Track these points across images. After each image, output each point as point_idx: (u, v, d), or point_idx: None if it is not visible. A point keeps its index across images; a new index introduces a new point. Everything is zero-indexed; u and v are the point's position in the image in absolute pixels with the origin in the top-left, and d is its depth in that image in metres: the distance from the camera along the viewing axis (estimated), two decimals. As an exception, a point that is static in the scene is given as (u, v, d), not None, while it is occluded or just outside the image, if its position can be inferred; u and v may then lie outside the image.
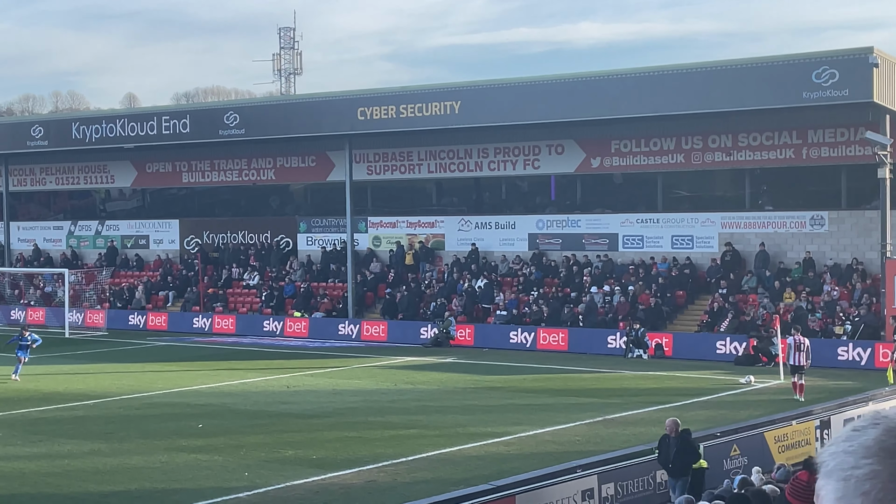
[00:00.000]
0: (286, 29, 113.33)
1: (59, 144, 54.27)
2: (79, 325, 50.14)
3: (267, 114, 49.22)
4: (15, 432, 24.94)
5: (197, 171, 56.40)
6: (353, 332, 45.29)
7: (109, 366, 37.78)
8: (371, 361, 38.61)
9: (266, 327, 47.44)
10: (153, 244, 57.64)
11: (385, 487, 19.72)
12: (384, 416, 26.97)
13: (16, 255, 60.61)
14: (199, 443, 23.63)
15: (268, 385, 32.99)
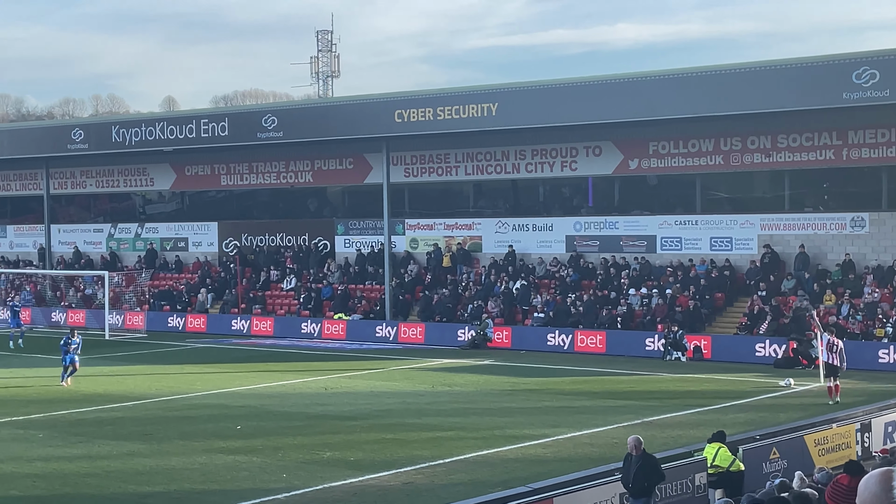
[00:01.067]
0: (324, 32, 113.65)
1: (99, 147, 54.71)
2: (118, 327, 50.52)
3: (305, 116, 49.38)
4: (56, 433, 25.16)
5: (235, 173, 56.67)
6: (390, 335, 45.36)
7: (149, 367, 38.04)
8: (408, 363, 38.66)
9: (304, 329, 47.59)
10: (192, 246, 57.98)
11: (422, 489, 19.73)
12: (421, 418, 26.99)
13: (56, 257, 61.14)
14: (238, 444, 23.74)
15: (306, 387, 33.09)
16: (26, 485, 20.09)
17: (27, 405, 29.48)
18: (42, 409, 28.74)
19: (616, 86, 41.49)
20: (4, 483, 20.19)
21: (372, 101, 47.59)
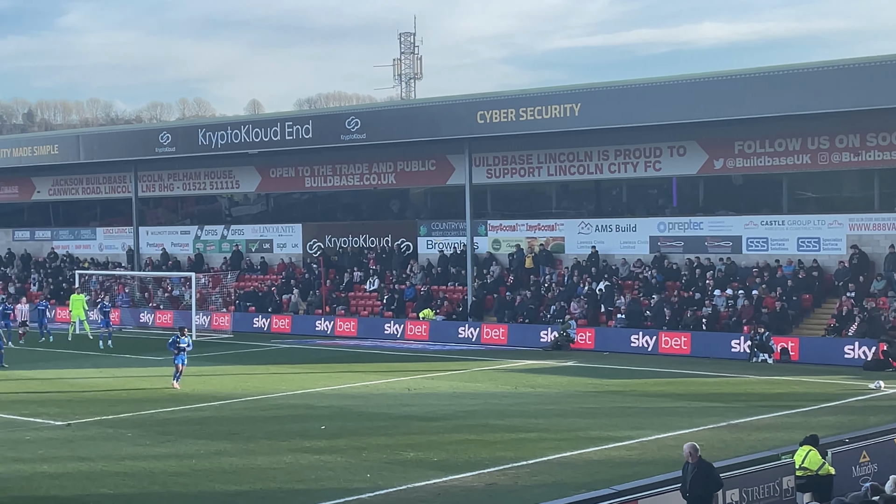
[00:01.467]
0: (406, 34, 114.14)
1: (186, 151, 55.50)
2: (205, 328, 51.19)
3: (387, 118, 49.62)
4: (145, 432, 25.56)
5: (319, 175, 57.13)
6: (472, 336, 45.37)
7: (235, 368, 38.49)
8: (491, 364, 38.64)
9: (387, 330, 47.80)
10: (277, 248, 58.58)
11: (505, 490, 19.70)
12: (504, 419, 26.96)
13: (145, 259, 62.15)
14: (323, 444, 23.92)
15: (389, 387, 33.24)
16: (116, 483, 20.44)
17: (117, 404, 30.00)
18: (131, 408, 29.22)
19: (701, 85, 41.08)
20: (95, 481, 20.58)
21: (454, 102, 47.67)
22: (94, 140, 61.39)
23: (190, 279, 52.18)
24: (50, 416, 27.92)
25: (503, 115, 44.33)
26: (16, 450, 23.58)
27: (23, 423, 26.94)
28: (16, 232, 70.20)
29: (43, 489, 19.95)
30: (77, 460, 22.36)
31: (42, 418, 27.64)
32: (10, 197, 70.75)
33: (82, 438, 24.91)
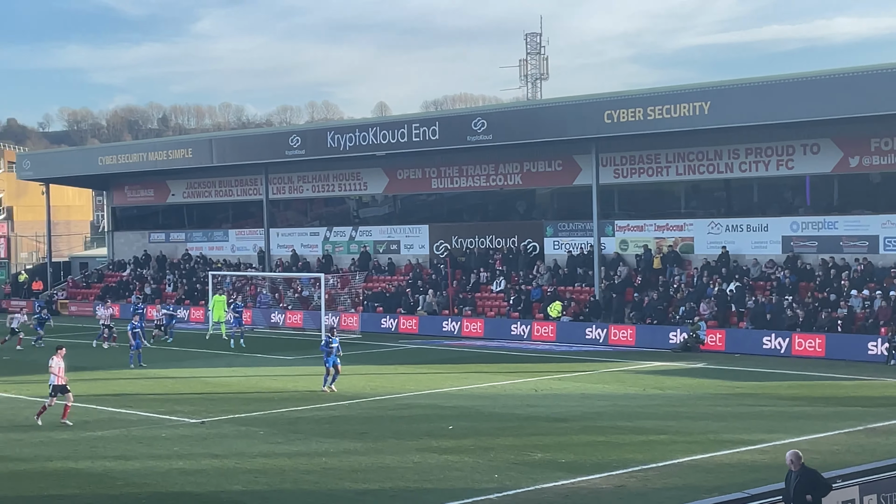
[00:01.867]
0: (532, 34, 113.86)
1: (315, 153, 56.29)
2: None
3: (514, 119, 49.56)
4: (276, 431, 25.94)
5: (446, 176, 57.36)
6: (600, 337, 45.02)
7: (363, 367, 38.81)
8: (619, 366, 38.30)
9: (514, 331, 47.74)
10: (404, 249, 59.01)
11: (635, 493, 19.47)
12: (633, 421, 26.67)
13: (275, 260, 63.17)
14: (450, 444, 23.96)
15: (515, 388, 33.17)
16: (248, 480, 20.77)
17: (249, 403, 30.52)
18: (263, 406, 29.69)
19: (835, 81, 40.10)
20: (228, 478, 20.94)
21: (581, 102, 47.39)
22: (226, 144, 62.68)
23: (319, 280, 52.85)
24: (185, 413, 28.54)
25: (631, 114, 43.93)
26: (152, 446, 24.15)
27: (159, 421, 27.58)
28: (151, 234, 72.07)
29: (178, 485, 20.38)
30: (211, 457, 22.80)
31: (177, 416, 28.27)
32: (146, 200, 72.66)
33: (216, 436, 25.39)
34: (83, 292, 70.19)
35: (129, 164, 66.28)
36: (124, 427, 26.68)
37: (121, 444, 24.41)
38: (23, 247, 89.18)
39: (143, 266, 69.96)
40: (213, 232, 68.36)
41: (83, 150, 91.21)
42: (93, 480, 20.83)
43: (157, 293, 63.83)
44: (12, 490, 20.18)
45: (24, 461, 22.65)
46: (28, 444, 24.52)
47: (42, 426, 26.84)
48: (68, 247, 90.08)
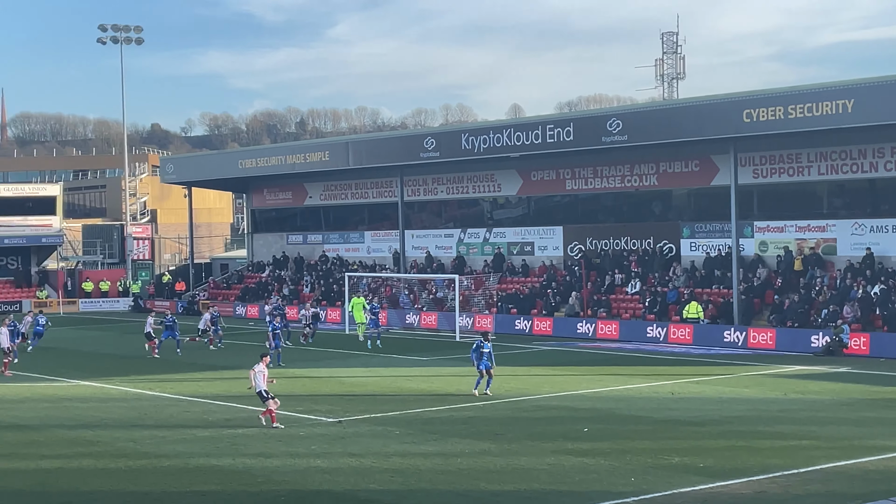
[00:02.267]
0: (669, 34, 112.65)
1: (450, 155, 56.53)
2: (468, 329, 51.91)
3: (650, 119, 49.03)
4: (411, 430, 26.10)
5: (580, 178, 57.07)
6: (738, 340, 44.22)
7: (497, 369, 38.63)
8: (758, 370, 37.55)
9: (649, 333, 47.22)
10: (538, 251, 58.89)
11: (776, 499, 19.04)
12: (773, 426, 26.11)
13: (410, 261, 63.65)
14: (586, 446, 23.78)
15: (652, 391, 32.78)
16: (385, 479, 20.93)
17: (385, 403, 30.77)
18: (398, 406, 29.91)
19: None
20: (365, 476, 21.13)
21: (719, 101, 46.63)
22: (362, 146, 63.40)
23: (453, 281, 53.05)
24: (322, 412, 28.91)
25: (770, 113, 43.05)
26: (290, 445, 24.51)
27: (297, 420, 27.99)
28: (289, 236, 73.34)
29: (316, 483, 20.64)
30: (348, 456, 23.04)
31: (315, 415, 28.65)
32: (284, 202, 73.97)
33: (352, 435, 25.66)
34: (224, 293, 71.77)
35: (267, 168, 67.54)
36: (264, 426, 27.13)
37: (260, 443, 24.84)
38: (166, 248, 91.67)
39: (281, 267, 71.22)
40: (350, 234, 69.23)
41: (224, 153, 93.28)
42: (233, 477, 21.24)
43: (295, 294, 64.88)
44: (156, 486, 20.70)
45: (168, 458, 23.21)
46: (171, 442, 25.14)
47: (203, 423, 27.53)
48: (209, 248, 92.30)
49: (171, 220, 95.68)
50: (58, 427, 27.46)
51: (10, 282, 78.64)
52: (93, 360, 43.76)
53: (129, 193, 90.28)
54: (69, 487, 20.62)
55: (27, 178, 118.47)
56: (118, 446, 24.58)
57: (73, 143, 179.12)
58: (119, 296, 76.25)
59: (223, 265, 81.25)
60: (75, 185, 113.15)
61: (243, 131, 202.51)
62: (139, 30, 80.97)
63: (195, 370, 39.45)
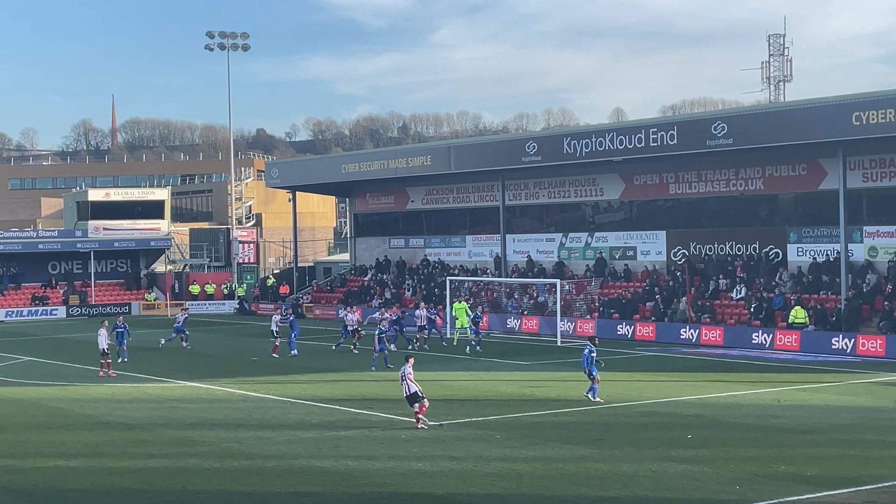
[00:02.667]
0: (776, 36, 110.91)
1: (551, 159, 56.38)
2: (570, 334, 51.70)
3: (755, 122, 48.33)
4: (512, 435, 26.06)
5: (683, 182, 56.47)
6: (847, 347, 43.31)
7: (599, 374, 38.49)
8: (868, 377, 36.74)
9: (755, 339, 46.49)
10: (640, 255, 58.40)
11: (886, 510, 18.62)
12: (883, 435, 25.53)
13: (511, 266, 63.58)
14: (689, 453, 23.51)
15: (757, 398, 32.27)
16: (486, 483, 20.93)
17: (486, 407, 30.77)
18: (499, 411, 29.89)
19: None
20: (466, 480, 21.16)
21: (827, 104, 45.74)
22: (463, 151, 63.54)
23: (555, 286, 52.86)
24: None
25: (881, 115, 42.16)
26: (392, 447, 24.66)
27: (399, 423, 28.12)
28: (391, 239, 73.80)
29: (417, 486, 20.72)
30: (449, 460, 23.08)
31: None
32: (386, 206, 74.46)
33: (454, 439, 25.70)
34: (327, 296, 72.48)
35: (370, 172, 68.08)
36: (366, 428, 27.34)
37: (362, 445, 25.03)
38: (270, 252, 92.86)
39: (383, 271, 71.67)
40: (451, 238, 69.42)
41: (327, 158, 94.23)
42: (336, 479, 21.43)
43: (397, 298, 65.23)
44: (261, 486, 20.98)
45: (272, 458, 23.51)
46: (275, 443, 25.45)
47: (291, 425, 27.86)
48: (313, 252, 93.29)
49: (276, 224, 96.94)
50: (165, 427, 28.00)
51: (120, 284, 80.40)
52: (199, 362, 44.52)
53: (234, 198, 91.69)
54: (175, 486, 21.00)
55: (136, 183, 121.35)
56: (223, 447, 24.97)
57: (181, 149, 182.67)
58: (224, 298, 77.50)
59: (326, 269, 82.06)
60: (183, 190, 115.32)
61: (346, 136, 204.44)
62: (245, 36, 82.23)
63: (299, 372, 39.88)
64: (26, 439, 26.60)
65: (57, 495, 20.62)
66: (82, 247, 77.72)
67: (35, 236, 79.40)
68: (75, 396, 34.39)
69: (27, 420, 29.77)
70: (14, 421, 29.60)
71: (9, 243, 76.61)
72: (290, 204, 78.82)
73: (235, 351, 48.71)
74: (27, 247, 76.76)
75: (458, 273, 64.63)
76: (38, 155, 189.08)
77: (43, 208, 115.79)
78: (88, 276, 78.00)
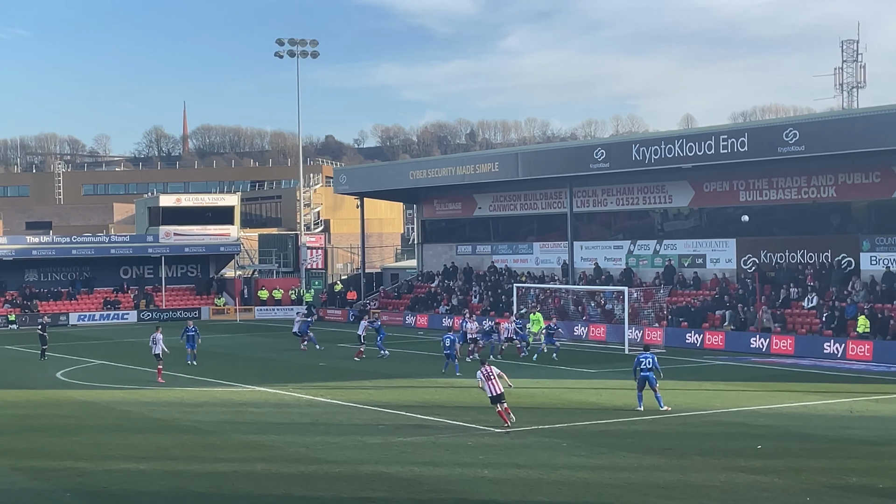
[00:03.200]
0: (849, 42, 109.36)
1: (620, 166, 56.09)
2: (637, 342, 51.25)
3: (828, 129, 47.72)
4: (579, 443, 25.93)
5: (754, 189, 55.88)
6: (921, 358, 42.56)
7: (667, 383, 38.09)
8: (943, 389, 36.08)
9: (826, 349, 45.82)
10: (709, 263, 57.86)
11: (962, 525, 18.25)
12: (959, 448, 25.05)
13: (578, 273, 63.31)
14: (758, 464, 23.23)
15: (828, 409, 31.79)
16: (552, 491, 20.84)
17: (552, 414, 30.67)
18: (566, 419, 29.77)
19: None
20: (532, 488, 21.08)
21: (901, 110, 45.04)
22: (531, 157, 63.42)
23: (622, 293, 52.53)
24: (490, 423, 28.94)
25: (957, 121, 41.40)
26: (458, 454, 24.65)
27: (465, 429, 28.12)
28: (458, 246, 73.84)
29: (483, 493, 20.68)
30: (515, 467, 23.02)
31: (482, 425, 28.72)
32: (453, 213, 74.53)
33: (520, 446, 25.63)
34: (394, 303, 72.70)
35: (437, 179, 68.19)
36: (432, 434, 27.36)
37: (428, 451, 25.05)
38: (338, 258, 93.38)
39: (450, 277, 71.74)
40: (518, 245, 69.30)
41: (395, 165, 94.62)
42: (402, 485, 21.46)
43: (464, 304, 65.24)
44: (328, 490, 21.07)
45: (339, 464, 23.60)
46: (342, 448, 25.55)
47: (360, 430, 27.97)
48: (380, 258, 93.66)
49: (344, 230, 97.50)
50: (233, 431, 28.24)
51: (190, 289, 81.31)
52: (267, 367, 44.87)
53: (303, 204, 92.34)
54: (243, 491, 21.16)
55: (207, 189, 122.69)
56: (290, 451, 25.13)
57: (251, 155, 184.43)
58: (292, 304, 78.05)
59: (393, 275, 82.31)
60: (252, 196, 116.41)
61: (414, 143, 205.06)
62: (315, 43, 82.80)
63: (365, 378, 40.04)
64: (97, 442, 26.98)
65: (127, 497, 20.87)
66: (153, 252, 78.76)
67: (107, 241, 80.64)
68: (146, 400, 34.82)
69: (98, 423, 30.21)
70: (85, 423, 30.05)
71: (82, 248, 77.85)
72: (357, 210, 79.20)
73: (303, 356, 49.01)
74: (100, 251, 77.93)
75: (525, 280, 64.50)
76: (111, 161, 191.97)
77: (115, 213, 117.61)
78: (159, 281, 79.00)
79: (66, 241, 79.12)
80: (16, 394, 37.29)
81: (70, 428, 29.23)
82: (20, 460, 24.47)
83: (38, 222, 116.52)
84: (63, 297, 76.72)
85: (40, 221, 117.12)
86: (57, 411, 32.62)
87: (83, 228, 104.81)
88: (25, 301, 74.48)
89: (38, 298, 74.89)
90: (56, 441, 27.10)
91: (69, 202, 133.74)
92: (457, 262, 73.05)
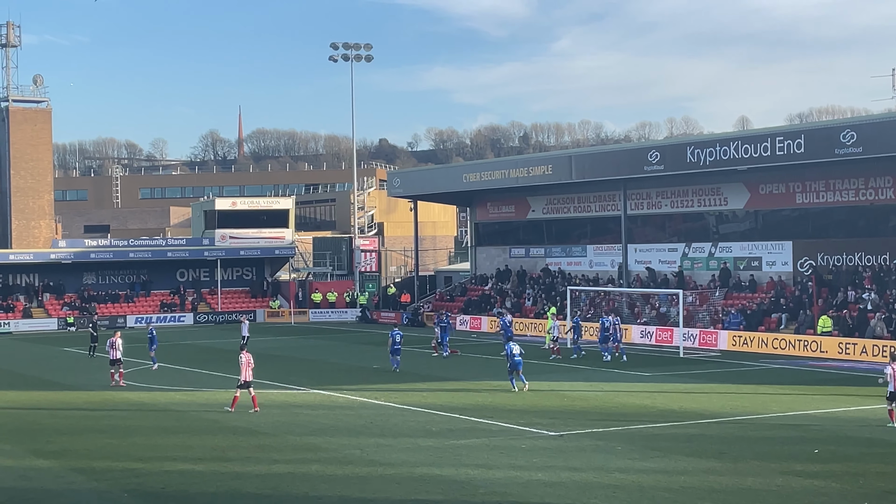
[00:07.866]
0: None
1: (674, 168, 55.76)
2: (692, 346, 51.00)
3: (886, 130, 47.16)
4: (633, 446, 25.80)
5: (811, 191, 55.34)
6: (982, 361, 41.83)
7: (723, 386, 38.00)
8: None
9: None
10: (765, 266, 57.36)
11: None
12: None
13: (633, 276, 63.02)
14: (816, 468, 22.99)
15: (883, 413, 31.32)
16: (606, 495, 20.75)
17: (606, 418, 30.54)
18: (620, 422, 29.64)
19: None
20: (587, 491, 21.01)
21: (961, 110, 44.40)
22: (585, 160, 63.23)
23: (677, 296, 52.20)
24: (544, 426, 28.90)
25: None
26: (512, 457, 24.62)
27: (519, 432, 28.09)
28: (512, 249, 73.78)
29: (538, 496, 20.64)
30: (569, 470, 22.96)
31: (536, 428, 28.67)
32: (507, 216, 74.49)
33: (574, 449, 25.56)
34: (447, 305, 72.72)
35: (491, 181, 68.16)
36: (486, 437, 27.35)
37: (482, 454, 25.04)
38: (392, 261, 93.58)
39: (503, 280, 71.68)
40: (572, 247, 69.12)
41: (448, 168, 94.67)
42: (455, 487, 21.48)
43: (518, 307, 65.16)
44: (381, 493, 21.14)
45: (393, 466, 23.67)
46: (396, 450, 25.62)
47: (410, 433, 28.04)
48: (434, 261, 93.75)
49: (397, 233, 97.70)
50: (288, 433, 28.41)
51: (245, 292, 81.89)
52: (321, 369, 45.08)
53: (357, 207, 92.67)
54: (298, 492, 21.28)
55: (262, 192, 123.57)
56: (345, 453, 25.23)
57: (305, 158, 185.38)
58: (346, 307, 78.36)
59: (447, 277, 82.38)
60: (306, 199, 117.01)
61: (467, 145, 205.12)
62: (369, 47, 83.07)
63: (419, 381, 40.09)
64: (154, 443, 27.25)
65: (184, 498, 21.07)
66: (209, 255, 79.42)
67: (164, 244, 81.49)
68: (202, 402, 35.12)
69: (155, 424, 30.52)
70: (143, 425, 30.37)
71: (139, 251, 78.74)
72: (411, 213, 79.35)
73: (357, 359, 49.19)
74: (156, 254, 78.76)
75: (579, 283, 64.30)
76: (168, 165, 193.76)
77: (172, 217, 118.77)
78: (215, 284, 79.62)
79: (123, 244, 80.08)
80: (74, 395, 37.78)
81: (127, 429, 29.56)
82: (79, 461, 24.79)
83: (97, 226, 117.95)
84: (120, 299, 77.60)
85: (98, 225, 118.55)
86: (114, 413, 33.00)
87: (140, 232, 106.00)
88: (84, 304, 75.41)
89: (95, 301, 75.80)
90: (114, 442, 27.41)
91: (126, 206, 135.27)
92: (510, 265, 72.98)
